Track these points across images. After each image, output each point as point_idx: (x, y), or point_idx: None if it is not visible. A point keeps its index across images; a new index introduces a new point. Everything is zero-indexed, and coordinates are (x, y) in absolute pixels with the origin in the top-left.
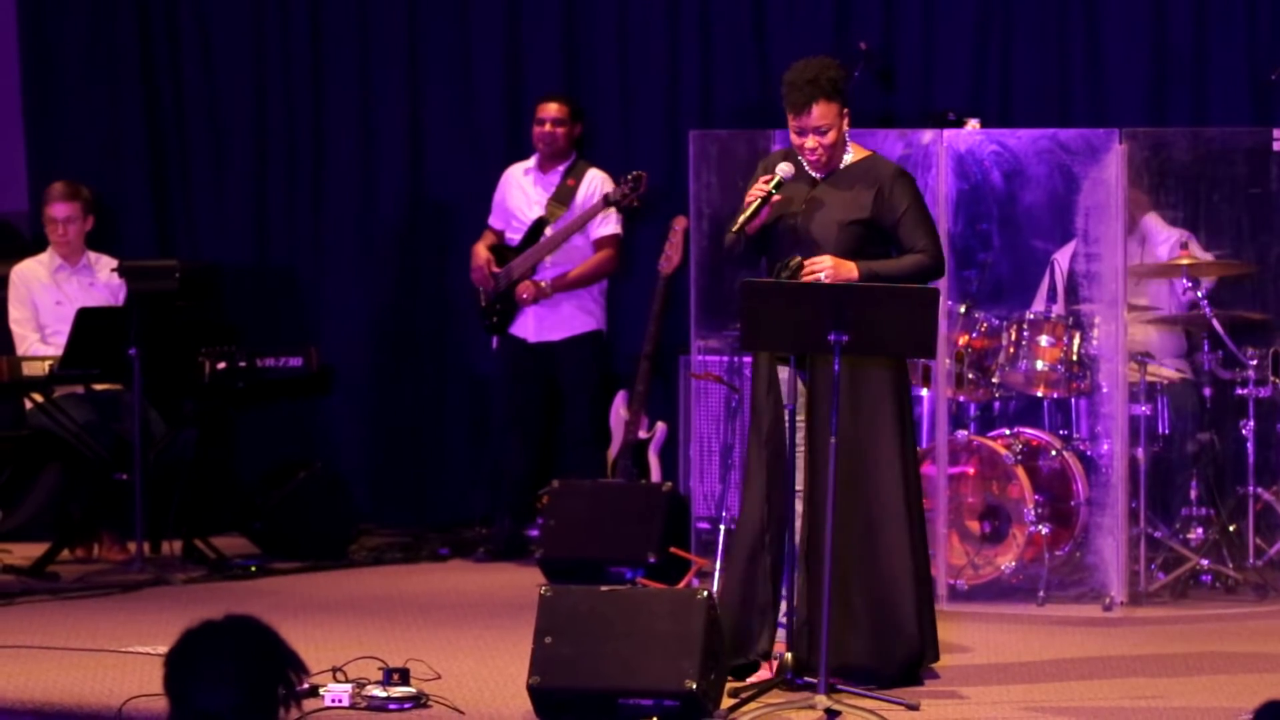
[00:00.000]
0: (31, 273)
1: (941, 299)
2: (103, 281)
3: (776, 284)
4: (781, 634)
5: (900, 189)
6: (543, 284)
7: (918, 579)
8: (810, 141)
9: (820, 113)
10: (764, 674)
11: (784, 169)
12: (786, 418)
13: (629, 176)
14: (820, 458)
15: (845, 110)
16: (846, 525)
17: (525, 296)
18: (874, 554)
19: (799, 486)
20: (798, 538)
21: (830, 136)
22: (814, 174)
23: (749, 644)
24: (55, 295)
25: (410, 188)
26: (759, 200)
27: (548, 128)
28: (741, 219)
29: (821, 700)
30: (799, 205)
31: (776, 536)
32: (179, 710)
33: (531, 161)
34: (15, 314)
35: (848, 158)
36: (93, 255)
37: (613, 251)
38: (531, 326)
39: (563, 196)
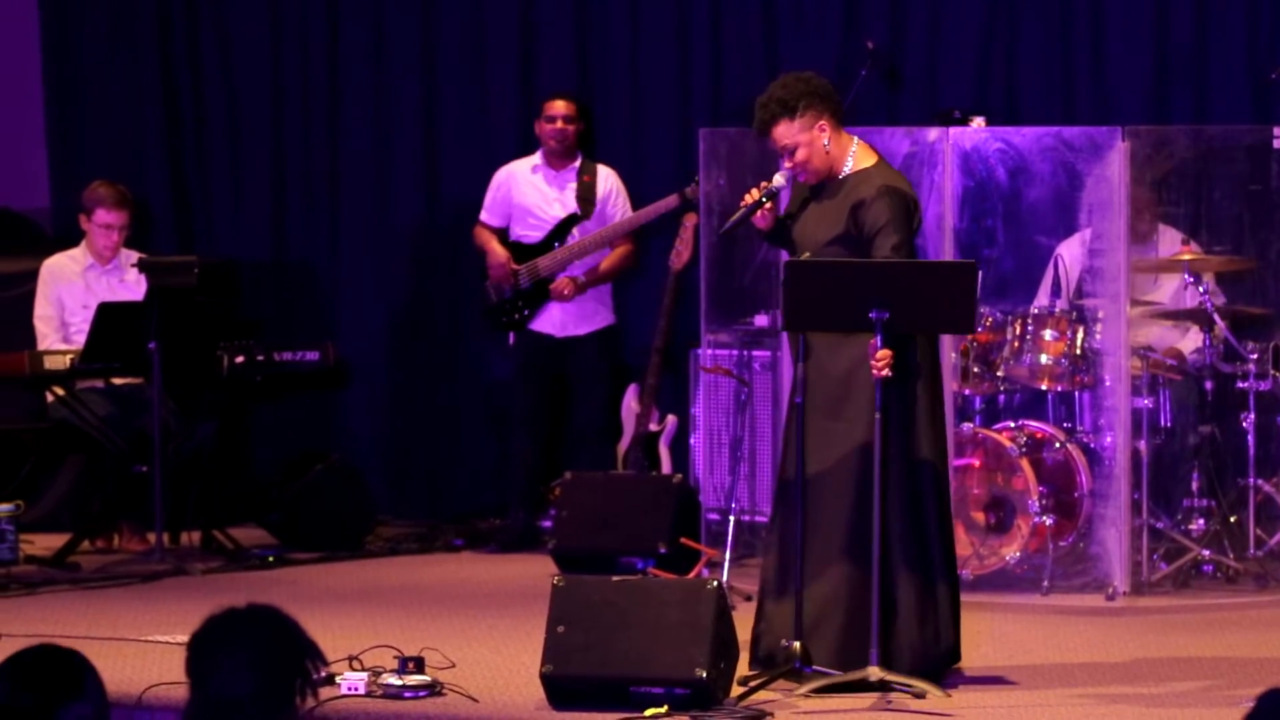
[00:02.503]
0: (62, 269)
1: None
2: (132, 281)
3: (819, 263)
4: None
5: (879, 206)
6: (580, 280)
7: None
8: (786, 161)
9: (780, 133)
10: None
11: (778, 178)
12: (796, 412)
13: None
14: (818, 447)
15: (820, 123)
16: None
17: (567, 293)
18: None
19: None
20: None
21: (801, 154)
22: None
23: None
24: (84, 296)
25: (425, 184)
26: (746, 209)
27: (559, 125)
28: (730, 221)
29: (874, 671)
30: (796, 209)
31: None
32: (199, 695)
33: (536, 159)
34: (40, 310)
35: (848, 167)
36: (125, 253)
37: (633, 246)
38: (558, 321)
39: (588, 195)
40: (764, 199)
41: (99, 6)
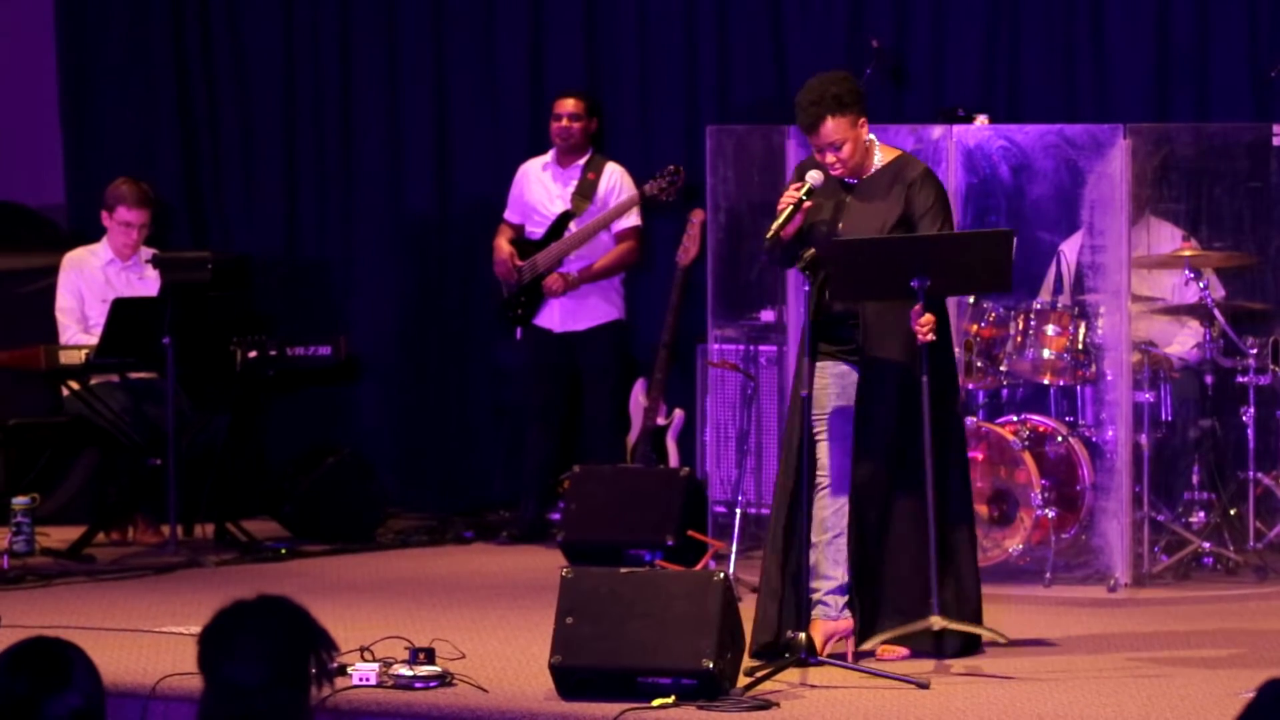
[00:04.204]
0: (83, 262)
1: None
2: (151, 277)
3: (862, 241)
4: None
5: (928, 188)
6: (571, 276)
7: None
8: (829, 158)
9: (830, 129)
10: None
11: (814, 176)
12: (801, 405)
13: (667, 170)
14: (873, 448)
15: (861, 120)
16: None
17: (555, 289)
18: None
19: (823, 473)
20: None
21: (846, 150)
22: (847, 179)
23: (784, 624)
24: (103, 291)
25: (436, 181)
26: (790, 208)
27: (564, 123)
28: (775, 225)
29: (936, 620)
30: (831, 212)
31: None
32: (212, 685)
33: (549, 157)
34: (62, 302)
35: (877, 160)
36: (141, 250)
37: (634, 243)
38: (557, 317)
39: (585, 191)
40: (803, 197)
41: (114, 5)
